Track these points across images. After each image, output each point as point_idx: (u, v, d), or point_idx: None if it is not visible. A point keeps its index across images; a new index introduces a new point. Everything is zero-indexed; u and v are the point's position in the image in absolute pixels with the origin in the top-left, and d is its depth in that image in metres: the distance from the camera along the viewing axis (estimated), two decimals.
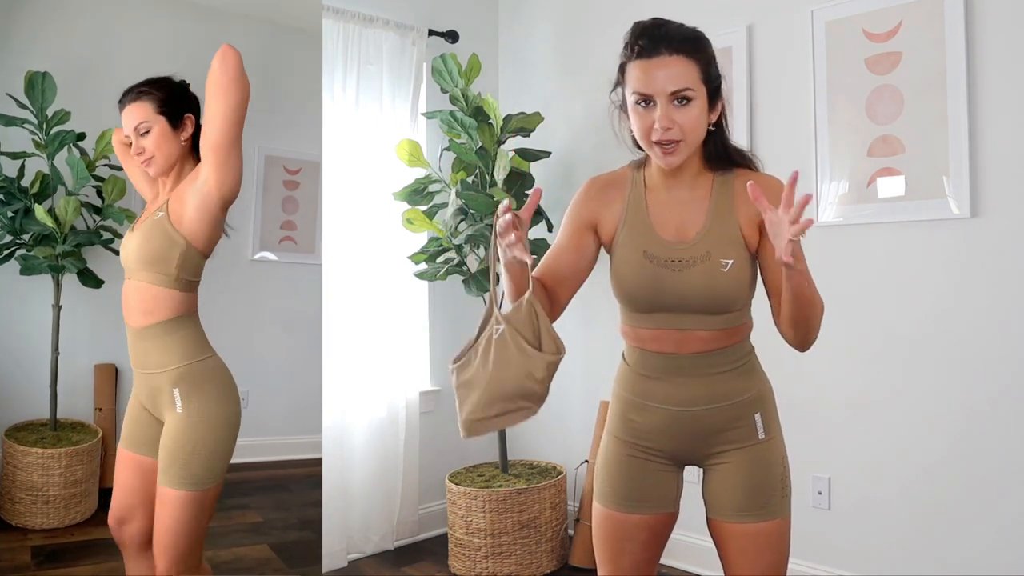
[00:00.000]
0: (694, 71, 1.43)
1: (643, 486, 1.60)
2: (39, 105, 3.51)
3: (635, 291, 1.53)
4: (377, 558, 3.36)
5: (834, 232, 2.78)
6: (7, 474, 3.40)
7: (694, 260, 1.49)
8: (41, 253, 3.44)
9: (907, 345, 2.63)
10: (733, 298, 1.50)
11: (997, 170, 2.45)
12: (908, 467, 2.63)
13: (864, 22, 2.70)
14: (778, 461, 1.57)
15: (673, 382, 1.55)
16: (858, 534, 2.74)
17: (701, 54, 1.45)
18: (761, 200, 1.34)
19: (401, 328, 3.46)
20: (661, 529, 1.63)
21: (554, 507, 3.21)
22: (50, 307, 3.63)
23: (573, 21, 3.62)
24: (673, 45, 1.42)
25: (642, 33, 1.46)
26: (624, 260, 1.54)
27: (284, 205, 4.91)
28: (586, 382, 3.41)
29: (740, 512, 1.54)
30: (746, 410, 1.55)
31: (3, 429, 3.56)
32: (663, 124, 1.43)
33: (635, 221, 1.56)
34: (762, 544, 1.54)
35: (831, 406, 2.78)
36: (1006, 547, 2.42)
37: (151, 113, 1.91)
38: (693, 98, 1.43)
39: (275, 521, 3.72)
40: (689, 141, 1.46)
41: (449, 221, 3.23)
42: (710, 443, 1.57)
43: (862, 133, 2.71)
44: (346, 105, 3.34)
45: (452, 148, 3.32)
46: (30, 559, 3.08)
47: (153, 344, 1.86)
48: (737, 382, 1.55)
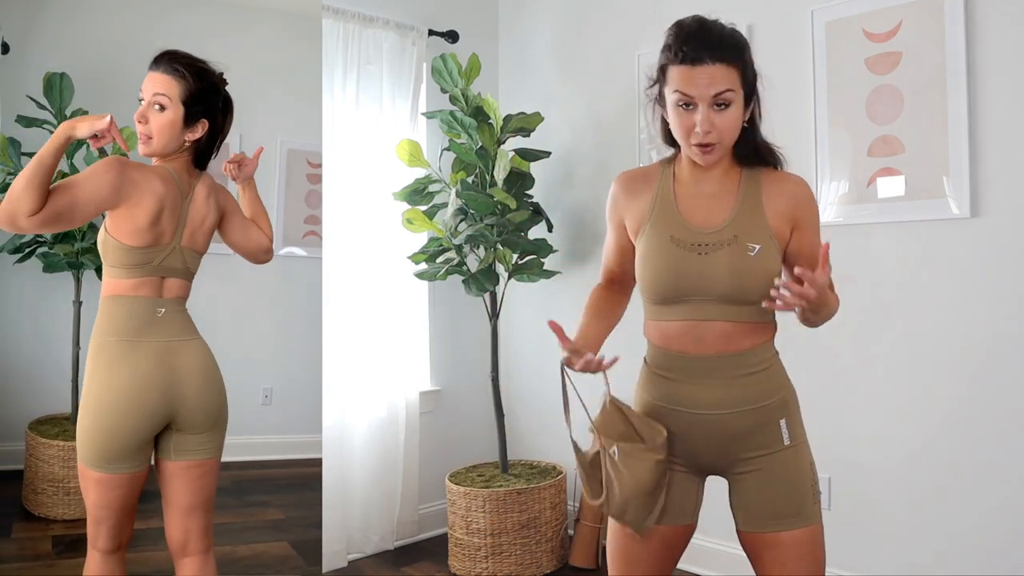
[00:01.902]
0: (735, 76, 1.47)
1: None
2: (58, 105, 3.57)
3: (661, 275, 1.54)
4: (377, 558, 3.36)
5: (834, 232, 2.77)
6: (30, 466, 3.51)
7: (721, 244, 1.51)
8: (61, 250, 3.51)
9: (907, 345, 2.63)
10: (758, 286, 1.49)
11: (997, 170, 2.45)
12: (908, 467, 2.63)
13: (864, 22, 2.70)
14: (806, 466, 1.56)
15: (697, 384, 1.54)
16: (858, 534, 2.74)
17: (740, 60, 1.48)
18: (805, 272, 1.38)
19: (401, 328, 3.46)
20: (676, 541, 1.61)
21: (554, 507, 3.21)
22: (71, 303, 3.70)
23: (573, 21, 3.62)
24: (716, 53, 1.45)
25: (687, 38, 1.47)
26: (651, 245, 1.57)
27: (308, 199, 4.86)
28: (586, 382, 3.40)
29: (775, 521, 1.52)
30: (771, 415, 1.54)
31: (27, 422, 3.66)
32: (704, 128, 1.47)
33: (663, 211, 1.58)
34: (800, 552, 1.52)
35: (831, 406, 2.78)
36: (1006, 547, 2.42)
37: (175, 95, 1.86)
38: (732, 101, 1.47)
39: (297, 519, 3.71)
40: (726, 143, 1.51)
41: (449, 221, 3.23)
42: (734, 450, 1.55)
43: (862, 133, 2.71)
44: (346, 105, 3.34)
45: (452, 148, 3.32)
46: (51, 548, 3.15)
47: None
48: (761, 385, 1.54)
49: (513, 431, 3.57)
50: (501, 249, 3.26)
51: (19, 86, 3.73)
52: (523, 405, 3.68)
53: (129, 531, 1.97)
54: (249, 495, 3.95)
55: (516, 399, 3.68)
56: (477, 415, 3.67)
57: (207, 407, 1.93)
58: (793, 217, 1.54)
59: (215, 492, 2.02)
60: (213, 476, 2.00)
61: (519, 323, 3.77)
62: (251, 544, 3.36)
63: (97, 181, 1.78)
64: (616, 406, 1.55)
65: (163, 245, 1.91)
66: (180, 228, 1.94)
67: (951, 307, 2.54)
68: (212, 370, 1.96)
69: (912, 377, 2.62)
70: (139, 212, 1.84)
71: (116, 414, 1.81)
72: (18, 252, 3.56)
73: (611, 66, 3.42)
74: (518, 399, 3.69)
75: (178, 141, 1.91)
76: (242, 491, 4.03)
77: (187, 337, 1.94)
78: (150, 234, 1.87)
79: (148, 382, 1.83)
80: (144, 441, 1.87)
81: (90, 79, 3.87)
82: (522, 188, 3.27)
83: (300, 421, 4.66)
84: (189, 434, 1.93)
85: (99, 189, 1.78)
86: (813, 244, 1.56)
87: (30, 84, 3.70)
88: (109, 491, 1.86)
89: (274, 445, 4.46)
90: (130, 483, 1.87)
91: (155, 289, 1.91)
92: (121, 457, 1.83)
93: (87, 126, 1.76)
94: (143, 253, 1.88)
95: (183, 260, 1.96)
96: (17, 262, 3.60)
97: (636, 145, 3.28)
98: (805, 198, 1.56)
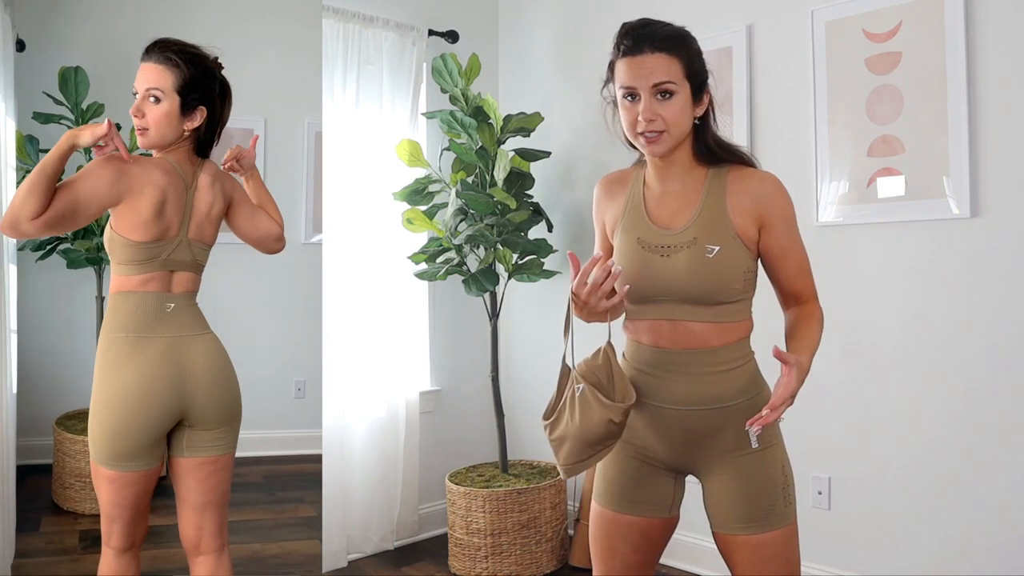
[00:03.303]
0: (676, 66, 1.49)
1: (637, 488, 1.61)
2: (74, 100, 3.57)
3: (628, 278, 1.57)
4: (377, 558, 3.36)
5: (834, 232, 2.78)
6: (58, 461, 3.56)
7: (681, 246, 1.53)
8: (81, 246, 3.52)
9: (908, 345, 2.63)
10: (719, 287, 1.52)
11: (997, 170, 2.45)
12: (908, 467, 2.63)
13: (864, 22, 2.70)
14: (777, 470, 1.56)
15: (665, 378, 1.56)
16: (858, 534, 2.74)
17: (683, 51, 1.51)
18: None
19: (401, 328, 3.46)
20: (655, 533, 1.63)
21: (554, 507, 3.21)
22: (94, 299, 3.70)
23: (573, 21, 3.62)
24: (655, 43, 1.49)
25: (628, 32, 1.53)
26: (620, 248, 1.61)
27: None
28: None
29: (742, 523, 1.53)
30: (736, 418, 1.54)
31: (54, 418, 3.68)
32: (646, 116, 1.49)
33: (633, 213, 1.62)
34: (772, 554, 1.53)
35: (831, 406, 2.78)
36: (1006, 547, 2.42)
37: (168, 86, 1.83)
38: (675, 91, 1.49)
39: None
40: (672, 132, 1.51)
41: (449, 221, 3.23)
42: (701, 450, 1.57)
43: (862, 133, 2.71)
44: (346, 105, 3.34)
45: (452, 148, 3.32)
46: (77, 543, 3.18)
47: None
48: (728, 385, 1.54)
49: (513, 431, 3.57)
50: (501, 249, 3.26)
51: (36, 84, 3.73)
52: (523, 405, 3.68)
53: (142, 529, 1.96)
54: (282, 491, 3.85)
55: (516, 399, 3.68)
56: (477, 415, 3.67)
57: (219, 402, 1.91)
58: (758, 215, 1.54)
59: (229, 489, 2.00)
60: (227, 472, 1.98)
61: (519, 323, 3.77)
62: (281, 542, 3.30)
63: (96, 178, 1.78)
64: (608, 356, 1.55)
65: (170, 238, 1.88)
66: (186, 220, 1.91)
67: (951, 307, 2.54)
68: (223, 365, 1.93)
69: (912, 377, 2.62)
70: (142, 205, 1.82)
71: (126, 412, 1.80)
72: (40, 249, 3.57)
73: None
74: (518, 399, 3.69)
75: (176, 131, 1.88)
76: (274, 487, 3.93)
77: (197, 332, 1.91)
78: (155, 227, 1.84)
79: (157, 378, 1.82)
80: (156, 438, 1.85)
81: (105, 74, 3.87)
82: (522, 188, 3.27)
83: None
84: (202, 430, 1.91)
85: (98, 185, 1.77)
86: (783, 241, 1.56)
87: (46, 82, 3.70)
88: (121, 489, 1.85)
89: (308, 439, 4.38)
90: (142, 481, 1.86)
91: (164, 284, 1.89)
92: (132, 455, 1.82)
93: (89, 134, 1.76)
94: (149, 248, 1.85)
95: (191, 253, 1.93)
96: (40, 259, 3.60)
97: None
98: (770, 194, 1.54)
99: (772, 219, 1.54)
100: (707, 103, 1.57)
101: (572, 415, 1.53)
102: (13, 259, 3.13)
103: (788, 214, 1.56)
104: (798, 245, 1.58)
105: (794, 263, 1.58)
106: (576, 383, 1.54)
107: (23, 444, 3.64)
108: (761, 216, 1.54)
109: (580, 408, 1.52)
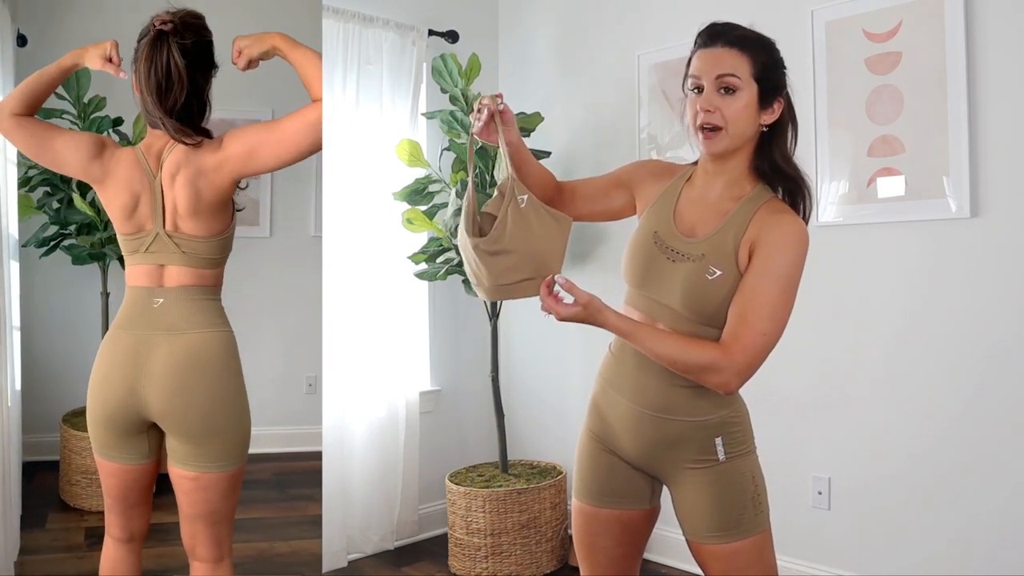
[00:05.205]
0: (744, 64, 1.46)
1: (613, 482, 1.61)
2: (76, 94, 3.56)
3: (630, 261, 1.58)
4: (377, 558, 3.35)
5: (834, 232, 2.78)
6: (64, 458, 3.56)
7: (689, 257, 1.51)
8: (85, 242, 3.52)
9: (908, 345, 2.63)
10: (710, 313, 1.48)
11: (997, 170, 2.45)
12: (908, 467, 2.63)
13: (864, 22, 2.70)
14: (746, 480, 1.54)
15: (639, 378, 1.55)
16: (858, 534, 2.74)
17: (756, 51, 1.49)
18: None
19: (401, 328, 3.46)
20: (637, 525, 1.62)
21: (554, 507, 3.21)
22: (99, 294, 3.70)
23: (573, 21, 3.62)
24: (729, 39, 1.48)
25: (708, 28, 1.51)
26: (637, 234, 1.61)
27: None
28: (586, 382, 3.40)
29: (712, 533, 1.52)
30: (705, 433, 1.53)
31: (61, 415, 3.68)
32: (703, 106, 1.46)
33: (662, 206, 1.60)
34: (744, 562, 1.52)
35: (831, 406, 2.78)
36: (1006, 547, 2.42)
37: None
38: (739, 88, 1.46)
39: None
40: (730, 131, 1.47)
41: (449, 221, 3.23)
42: (669, 456, 1.56)
43: (862, 133, 2.71)
44: (346, 105, 3.34)
45: (452, 148, 3.32)
46: (83, 540, 3.18)
47: None
48: (699, 401, 1.52)
49: (513, 431, 3.58)
50: None
51: None
52: (523, 405, 3.68)
53: (140, 524, 1.94)
54: (292, 488, 3.79)
55: (516, 399, 3.68)
56: (477, 415, 3.67)
57: (181, 412, 1.74)
58: (754, 248, 1.45)
59: (228, 507, 1.83)
60: (214, 492, 1.79)
61: (519, 323, 3.77)
62: (290, 541, 3.26)
63: (77, 140, 1.82)
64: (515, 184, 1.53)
65: (147, 231, 1.79)
66: (157, 212, 1.78)
67: (951, 307, 2.54)
68: (193, 370, 1.74)
69: (912, 377, 2.62)
70: (109, 196, 1.80)
71: (92, 403, 1.82)
72: (43, 246, 3.58)
73: (611, 66, 3.42)
74: (518, 399, 3.69)
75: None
76: (285, 484, 3.89)
77: (184, 330, 1.76)
78: (130, 220, 1.79)
79: (108, 378, 1.78)
80: (124, 433, 1.80)
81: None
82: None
83: None
84: (176, 441, 1.78)
85: (78, 137, 1.82)
86: (756, 286, 1.43)
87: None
88: (107, 477, 1.87)
89: (319, 436, 4.35)
90: (121, 475, 1.84)
91: (153, 278, 1.79)
92: (106, 444, 1.83)
93: (97, 53, 1.80)
94: (130, 241, 1.81)
95: (175, 246, 1.78)
96: (43, 255, 3.61)
97: (636, 145, 3.28)
98: (780, 242, 1.43)
99: (762, 261, 1.44)
100: (779, 113, 1.50)
101: (520, 226, 1.48)
102: (15, 255, 3.13)
103: (780, 268, 1.43)
104: (771, 297, 1.42)
105: (749, 305, 1.42)
106: (520, 193, 1.50)
107: (31, 441, 3.68)
108: (754, 250, 1.46)
109: (531, 218, 1.49)
